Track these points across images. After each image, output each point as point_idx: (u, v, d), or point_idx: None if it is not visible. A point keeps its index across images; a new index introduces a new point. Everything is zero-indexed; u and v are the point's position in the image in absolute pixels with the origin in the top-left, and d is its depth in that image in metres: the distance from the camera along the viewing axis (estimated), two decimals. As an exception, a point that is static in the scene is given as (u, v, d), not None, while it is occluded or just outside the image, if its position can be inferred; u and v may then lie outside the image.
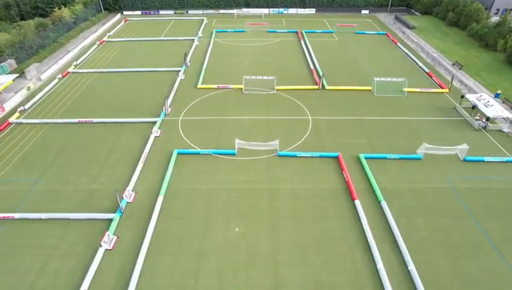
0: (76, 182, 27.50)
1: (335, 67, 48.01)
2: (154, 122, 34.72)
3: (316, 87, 41.86)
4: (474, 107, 35.31)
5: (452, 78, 41.77)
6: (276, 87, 41.13)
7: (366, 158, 29.55)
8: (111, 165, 29.50)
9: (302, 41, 57.70)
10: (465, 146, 29.14)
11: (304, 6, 76.91)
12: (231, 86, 41.93)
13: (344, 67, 48.28)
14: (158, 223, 23.65)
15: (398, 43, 57.01)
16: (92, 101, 39.45)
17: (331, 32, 63.36)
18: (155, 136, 32.72)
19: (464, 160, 29.64)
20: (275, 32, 63.39)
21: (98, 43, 57.62)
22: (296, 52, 53.65)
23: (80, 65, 49.41)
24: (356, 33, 62.84)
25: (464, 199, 25.88)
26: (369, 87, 41.77)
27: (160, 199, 25.36)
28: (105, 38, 59.96)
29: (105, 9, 76.78)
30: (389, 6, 77.32)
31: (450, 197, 26.07)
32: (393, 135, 33.25)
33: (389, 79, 41.10)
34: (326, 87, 41.85)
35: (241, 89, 41.35)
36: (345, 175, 27.57)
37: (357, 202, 25.03)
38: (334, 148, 31.17)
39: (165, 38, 59.87)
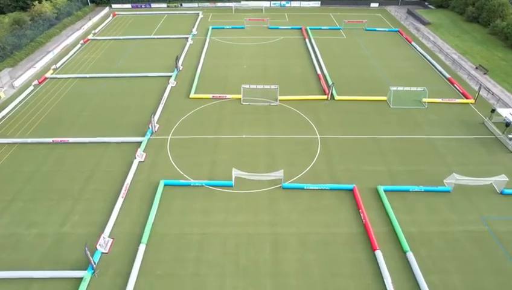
0: (43, 223, 23.44)
1: (344, 72, 43.54)
2: (140, 143, 30.56)
3: (324, 97, 37.51)
4: (508, 124, 31.05)
5: (479, 89, 37.36)
6: (279, 97, 36.82)
7: (385, 191, 25.50)
8: (87, 198, 25.41)
9: (307, 40, 53.00)
10: (503, 177, 25.04)
11: (309, 0, 71.84)
12: (228, 96, 37.56)
13: (354, 71, 43.79)
14: (138, 282, 19.72)
15: (413, 42, 52.35)
16: (70, 115, 35.07)
17: (339, 29, 58.53)
18: (139, 161, 28.59)
19: (502, 193, 25.60)
20: (277, 29, 58.56)
21: (82, 42, 52.89)
22: (301, 53, 49.04)
23: (60, 69, 44.82)
24: (366, 30, 58.08)
25: (506, 246, 21.96)
26: (384, 98, 37.44)
27: (142, 248, 21.38)
28: (90, 37, 55.18)
29: (92, 1, 71.62)
30: (400, -1, 72.25)
31: (488, 243, 22.10)
32: (415, 159, 29.12)
33: (407, 88, 36.71)
34: (336, 97, 37.51)
35: (240, 99, 37.04)
36: (362, 216, 23.56)
37: (378, 254, 21.08)
38: (348, 177, 27.07)
39: (156, 37, 55.09)
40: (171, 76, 41.93)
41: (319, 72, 42.92)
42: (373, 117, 34.63)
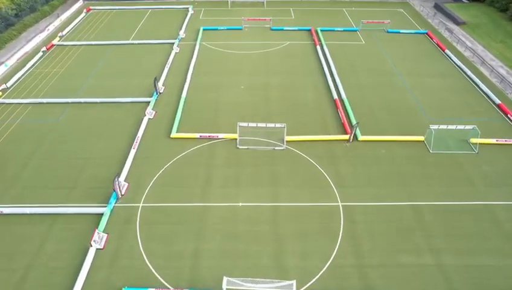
0: None
1: (367, 95, 35.73)
2: (100, 216, 23.26)
3: (345, 137, 29.92)
4: None
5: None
6: (287, 138, 29.26)
7: (440, 307, 18.53)
8: None
9: (318, 47, 44.74)
10: None
11: (318, -10, 62.64)
12: (220, 136, 29.97)
13: (379, 94, 35.90)
14: None
15: (447, 50, 44.16)
16: (9, 173, 27.42)
17: (355, 30, 50.07)
18: (97, 249, 21.41)
19: None
20: (281, 30, 50.11)
21: (44, 48, 44.62)
22: (312, 67, 40.89)
23: (11, 90, 36.91)
24: (387, 32, 49.70)
25: None
26: (421, 138, 29.88)
27: None
28: (55, 41, 46.83)
29: (63, -8, 62.51)
30: (425, -11, 63.14)
31: None
32: (473, 244, 21.90)
33: (451, 127, 29.06)
34: (360, 137, 29.93)
35: (235, 140, 29.49)
36: None
37: None
38: (384, 280, 19.95)
39: (135, 42, 46.69)
40: (149, 102, 34.17)
41: (335, 96, 35.05)
42: (409, 169, 27.18)
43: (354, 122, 31.40)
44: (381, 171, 26.97)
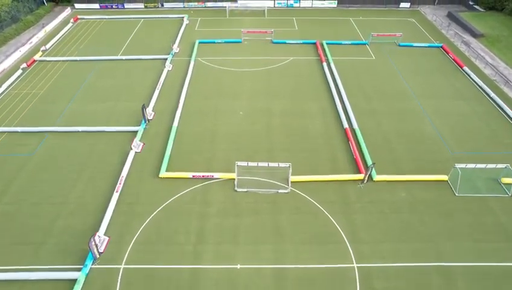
0: None
1: (380, 121, 32.39)
2: (73, 283, 19.93)
3: (358, 177, 26.57)
4: None
5: None
6: (292, 178, 25.95)
7: None
8: None
9: (325, 64, 41.43)
10: None
11: (322, -3, 59.39)
12: (216, 175, 26.63)
13: (394, 121, 32.57)
14: None
15: (465, 67, 40.90)
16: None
17: (364, 43, 46.78)
18: (65, 330, 18.12)
19: None
20: (284, 43, 46.83)
21: (24, 65, 41.29)
22: (318, 88, 37.49)
23: (-16, 116, 33.70)
24: (399, 45, 46.43)
25: None
26: (444, 177, 26.56)
27: None
28: (37, 56, 43.54)
29: (50, 0, 59.24)
30: (437, -3, 59.94)
31: None
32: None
33: (480, 166, 25.75)
34: (375, 177, 26.62)
35: (233, 180, 26.17)
36: None
37: None
38: None
39: (124, 58, 43.35)
40: (136, 132, 30.88)
41: (345, 124, 31.74)
42: (433, 218, 23.81)
43: (367, 157, 28.12)
44: (402, 221, 23.63)
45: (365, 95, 36.27)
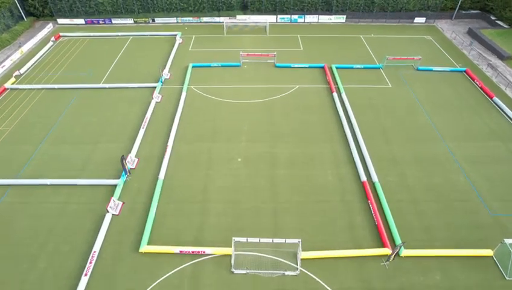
0: None
1: (404, 174, 27.73)
2: None
3: (381, 252, 22.11)
4: None
5: None
6: (302, 254, 21.52)
7: None
8: None
9: (335, 94, 37.04)
10: None
11: (330, 12, 54.91)
12: (208, 251, 22.15)
13: (421, 173, 27.84)
14: None
15: (495, 98, 36.55)
16: None
17: (378, 67, 42.41)
18: None
19: None
20: (288, 67, 42.48)
21: (-7, 96, 37.07)
22: (328, 126, 32.84)
23: None
24: (417, 69, 42.11)
25: None
26: (488, 252, 22.15)
27: None
28: (8, 84, 39.13)
29: (30, 14, 54.91)
30: (455, 11, 55.55)
31: None
32: None
33: (533, 241, 21.39)
34: (402, 252, 22.17)
35: (229, 256, 21.74)
36: None
37: None
38: None
39: (107, 86, 38.95)
40: (115, 186, 26.47)
41: (363, 177, 27.28)
42: (480, 312, 19.51)
43: (391, 223, 23.69)
44: (441, 318, 19.27)
45: (384, 136, 31.86)
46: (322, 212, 24.84)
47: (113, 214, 24.53)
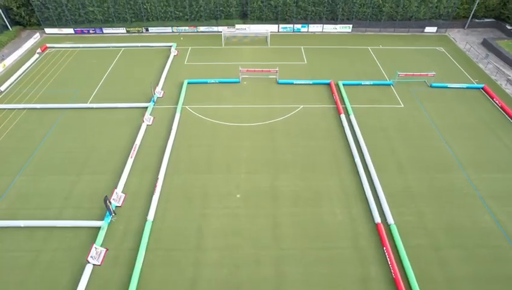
0: None
1: (422, 213, 24.91)
2: None
3: (402, 315, 19.54)
4: None
5: None
6: (308, 317, 18.92)
7: None
8: None
9: (343, 116, 34.36)
10: None
11: (335, 21, 52.21)
12: (202, 313, 19.59)
13: (441, 211, 25.00)
14: None
15: (518, 119, 33.97)
16: None
17: (388, 84, 39.72)
18: None
19: None
20: (291, 84, 39.81)
21: (-31, 117, 34.44)
22: (337, 155, 30.01)
23: None
24: (431, 86, 39.45)
25: None
26: (524, 312, 19.56)
27: None
28: (-12, 104, 36.65)
29: (16, 23, 52.33)
30: (468, 20, 52.89)
31: None
32: None
33: None
34: (426, 314, 19.56)
35: (226, 320, 19.16)
36: None
37: None
38: None
39: (95, 106, 36.32)
40: (98, 229, 23.81)
41: (377, 218, 24.56)
42: None
43: (410, 276, 21.02)
44: None
45: (397, 164, 29.16)
46: (331, 261, 22.14)
47: (94, 264, 21.91)
